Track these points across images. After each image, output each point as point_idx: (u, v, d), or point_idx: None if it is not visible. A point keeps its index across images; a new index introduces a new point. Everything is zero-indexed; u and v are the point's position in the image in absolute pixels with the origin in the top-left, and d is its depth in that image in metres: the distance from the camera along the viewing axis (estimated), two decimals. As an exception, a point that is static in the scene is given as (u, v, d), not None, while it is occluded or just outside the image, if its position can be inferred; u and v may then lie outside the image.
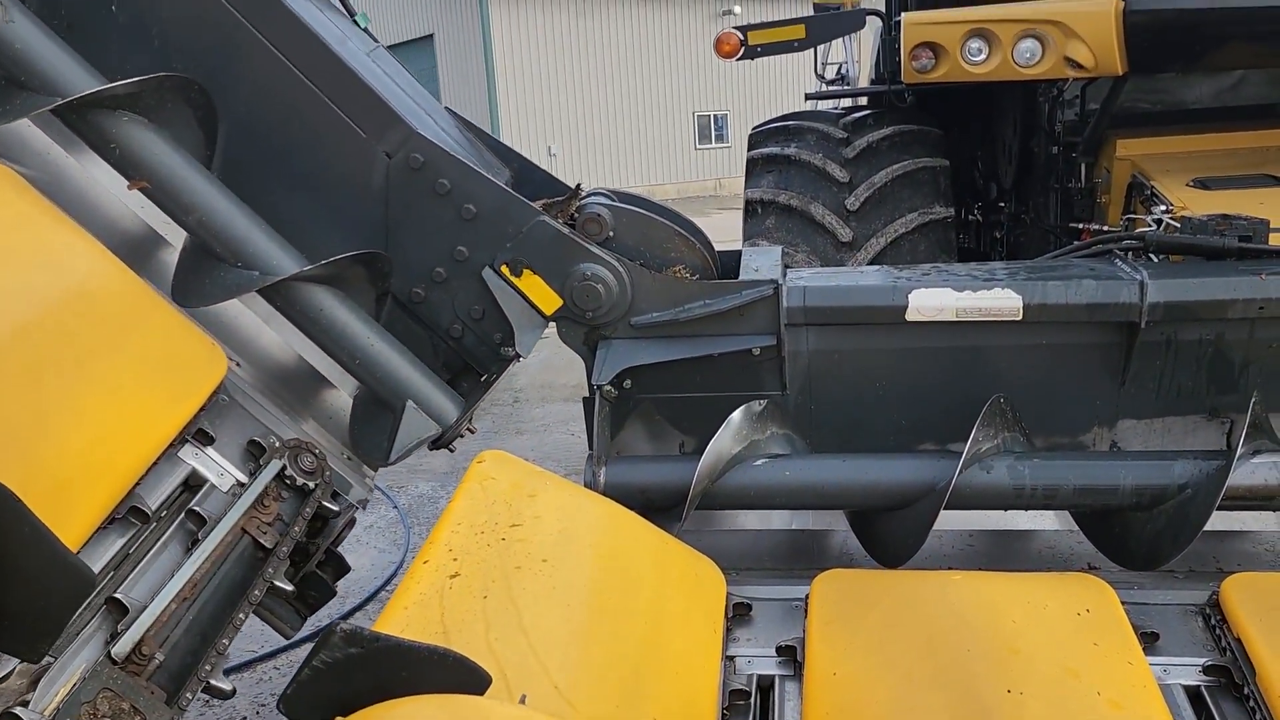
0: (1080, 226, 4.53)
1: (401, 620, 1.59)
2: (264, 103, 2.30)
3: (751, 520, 2.77)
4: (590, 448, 2.41)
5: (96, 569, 1.66)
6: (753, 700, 1.85)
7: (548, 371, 8.14)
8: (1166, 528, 2.19)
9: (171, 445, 1.88)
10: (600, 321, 2.44)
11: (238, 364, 2.23)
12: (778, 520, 2.77)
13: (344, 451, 2.35)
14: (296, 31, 2.25)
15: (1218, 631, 1.91)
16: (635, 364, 2.43)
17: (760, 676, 1.90)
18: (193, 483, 1.93)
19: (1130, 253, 2.62)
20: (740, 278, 2.50)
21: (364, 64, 2.40)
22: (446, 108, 2.82)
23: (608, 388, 2.41)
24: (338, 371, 2.40)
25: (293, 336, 2.38)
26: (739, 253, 2.73)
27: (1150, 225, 3.47)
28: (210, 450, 1.97)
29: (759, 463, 2.32)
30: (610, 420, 2.46)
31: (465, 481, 1.99)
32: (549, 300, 2.42)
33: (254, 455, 2.05)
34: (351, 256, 2.24)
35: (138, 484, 1.78)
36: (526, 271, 2.42)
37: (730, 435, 2.29)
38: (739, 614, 2.05)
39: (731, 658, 1.94)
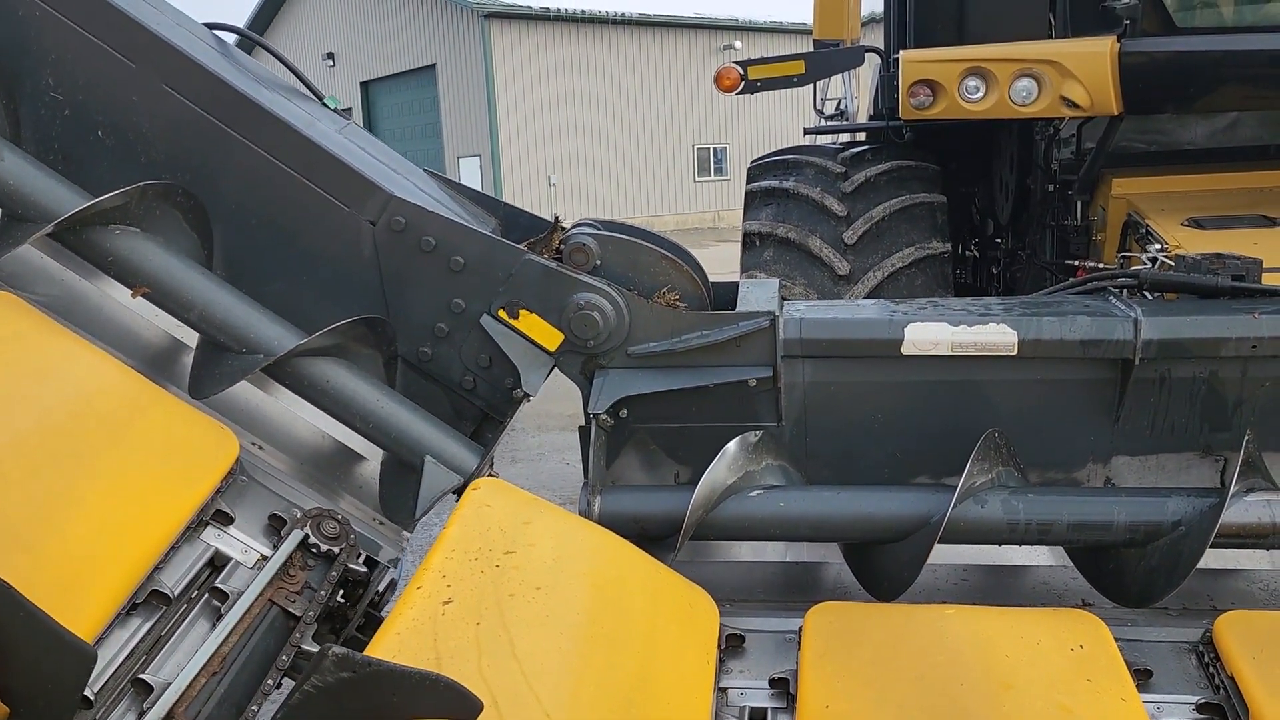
0: (1076, 264, 4.57)
1: (394, 645, 1.59)
2: (249, 195, 2.39)
3: (745, 551, 2.77)
4: (585, 476, 2.41)
5: (122, 654, 1.69)
6: (745, 733, 1.85)
7: (543, 400, 8.08)
8: (1160, 565, 2.19)
9: (190, 529, 1.92)
10: (600, 350, 2.44)
11: (260, 447, 2.30)
12: (772, 552, 2.76)
13: (376, 517, 2.40)
14: (268, 124, 2.34)
15: (1211, 669, 1.91)
16: (631, 393, 2.43)
17: (752, 709, 1.89)
18: (218, 562, 1.96)
19: (1125, 290, 2.63)
20: (738, 309, 2.52)
21: (335, 141, 2.48)
22: (425, 169, 2.89)
23: (604, 416, 2.41)
24: (368, 443, 2.46)
25: (320, 418, 2.44)
26: (736, 284, 2.74)
27: (1145, 263, 3.50)
28: (231, 529, 2.01)
29: (754, 494, 2.32)
30: (606, 449, 2.46)
31: (460, 508, 1.99)
32: (550, 337, 2.44)
33: (276, 529, 2.09)
34: (348, 324, 2.29)
35: (157, 569, 1.81)
36: (523, 312, 2.44)
37: (725, 466, 2.29)
38: (732, 645, 2.04)
39: (724, 689, 1.93)
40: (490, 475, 2.44)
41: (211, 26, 2.65)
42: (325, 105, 2.76)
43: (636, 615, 1.91)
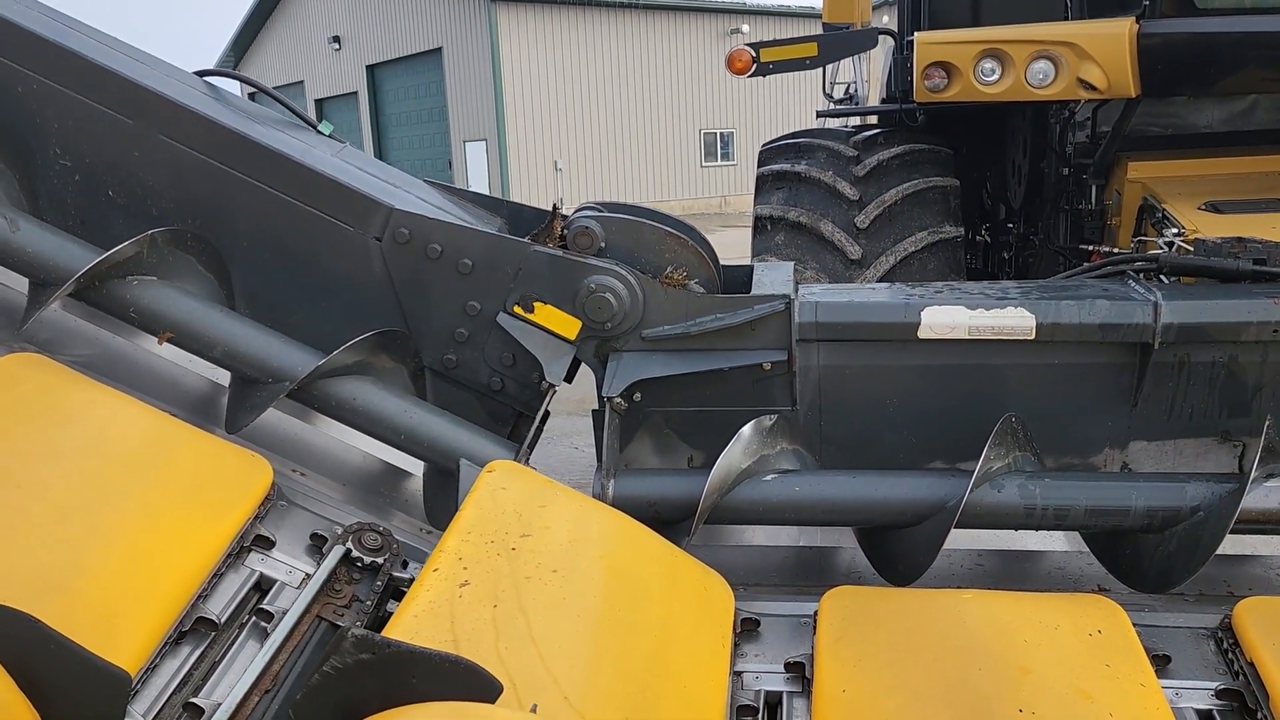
0: (1090, 248, 4.54)
1: (411, 627, 1.59)
2: (258, 230, 2.44)
3: (760, 536, 2.76)
4: (599, 460, 2.40)
5: (174, 681, 1.72)
6: (760, 717, 1.84)
7: (552, 384, 8.10)
8: (1178, 550, 2.17)
9: (231, 556, 1.95)
10: (616, 332, 2.43)
11: (301, 473, 2.35)
12: (786, 536, 2.75)
13: (423, 528, 2.43)
14: (265, 158, 2.39)
15: (1230, 655, 1.90)
16: (645, 376, 2.42)
17: (768, 693, 1.89)
18: (263, 585, 1.99)
19: (1143, 274, 2.61)
20: (753, 292, 2.50)
21: (332, 164, 2.52)
22: (425, 180, 2.91)
23: (617, 400, 2.39)
24: (414, 461, 2.50)
25: (365, 442, 2.49)
26: (751, 267, 2.72)
27: (1161, 248, 3.47)
28: (274, 553, 2.04)
29: (768, 478, 2.31)
30: (619, 433, 2.45)
31: (475, 491, 1.98)
32: (568, 325, 2.44)
33: (318, 547, 2.10)
34: (364, 340, 2.32)
35: (202, 596, 1.84)
36: (538, 304, 2.45)
37: (740, 450, 2.28)
38: (747, 629, 2.04)
39: (739, 673, 1.92)
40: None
41: (201, 74, 2.71)
42: (319, 132, 2.80)
43: (652, 599, 1.90)
